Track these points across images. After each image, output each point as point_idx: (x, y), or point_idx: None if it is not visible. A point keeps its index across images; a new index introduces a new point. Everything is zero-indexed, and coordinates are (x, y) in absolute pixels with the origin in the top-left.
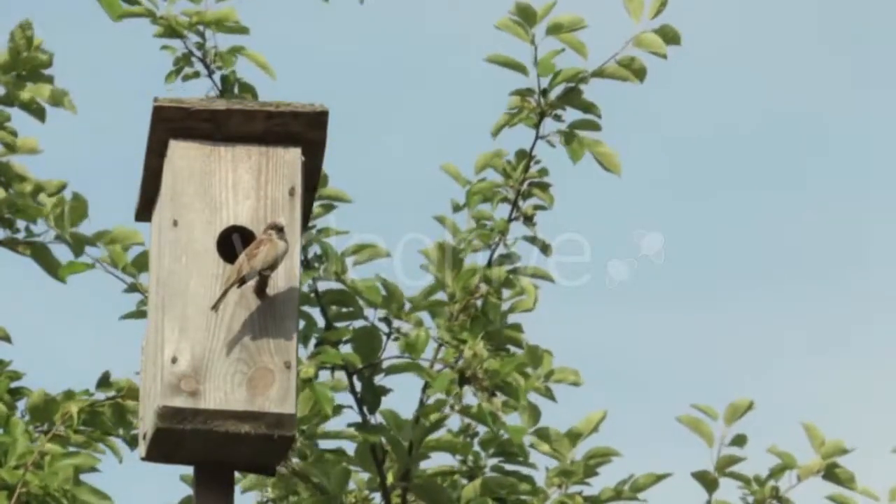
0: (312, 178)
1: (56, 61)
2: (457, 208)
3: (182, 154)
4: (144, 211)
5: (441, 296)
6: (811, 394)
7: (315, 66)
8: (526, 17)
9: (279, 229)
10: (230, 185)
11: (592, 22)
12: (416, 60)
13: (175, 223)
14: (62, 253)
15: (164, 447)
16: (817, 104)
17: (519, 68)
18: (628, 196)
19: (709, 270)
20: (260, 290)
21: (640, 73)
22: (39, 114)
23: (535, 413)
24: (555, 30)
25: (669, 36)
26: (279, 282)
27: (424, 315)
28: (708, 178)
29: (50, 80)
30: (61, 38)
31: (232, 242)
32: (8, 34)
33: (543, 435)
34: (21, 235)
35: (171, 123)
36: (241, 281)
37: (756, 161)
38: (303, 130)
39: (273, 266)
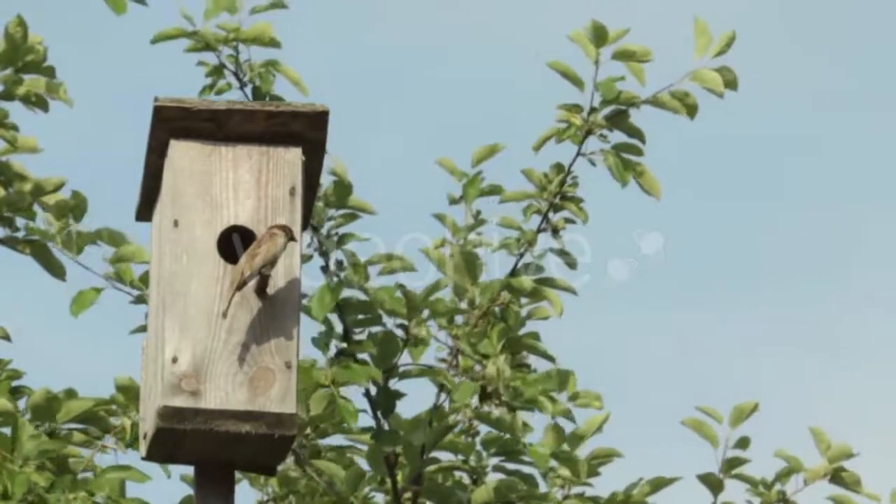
0: (313, 177)
1: (57, 60)
2: (453, 201)
3: (182, 154)
4: (145, 211)
5: (445, 293)
6: (810, 395)
7: (308, 69)
8: (597, 36)
9: (282, 228)
10: (231, 184)
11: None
12: (404, 68)
13: (176, 223)
14: (65, 255)
15: (164, 447)
16: (812, 109)
17: (576, 81)
18: (632, 199)
19: (709, 271)
20: (260, 289)
21: (692, 110)
22: (42, 105)
23: (559, 433)
24: (624, 56)
25: (728, 78)
26: (280, 281)
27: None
28: (708, 179)
29: (50, 71)
30: (62, 37)
31: (232, 242)
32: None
33: (567, 459)
34: (21, 234)
35: (171, 123)
36: (243, 283)
37: (755, 162)
38: (303, 130)
39: (273, 262)
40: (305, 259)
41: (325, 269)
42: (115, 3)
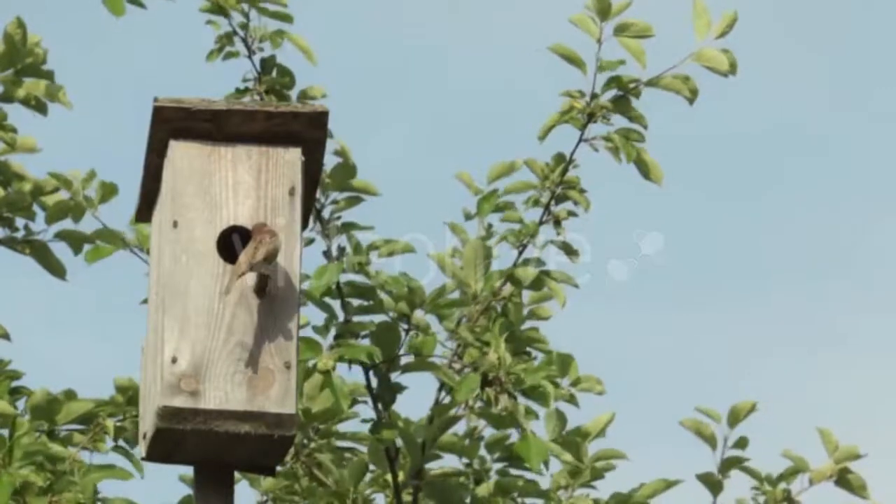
0: (312, 177)
1: (57, 60)
2: (468, 217)
3: (182, 154)
4: (144, 211)
5: (454, 296)
6: (811, 394)
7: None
8: (601, 9)
9: (272, 231)
10: (230, 185)
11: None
12: (399, 68)
13: (175, 223)
14: (62, 252)
15: (163, 447)
16: (811, 108)
17: (578, 63)
18: (632, 199)
19: (710, 270)
20: (260, 290)
21: (692, 93)
22: (41, 108)
23: (561, 419)
24: (623, 29)
25: (729, 60)
26: (279, 282)
27: (431, 318)
28: (705, 179)
29: (50, 75)
30: (62, 37)
31: (232, 242)
32: (2, 31)
33: (570, 443)
34: (20, 234)
35: (171, 123)
36: (245, 272)
37: (756, 160)
38: (303, 130)
39: (272, 258)
40: (307, 242)
41: (326, 253)
42: (114, 5)
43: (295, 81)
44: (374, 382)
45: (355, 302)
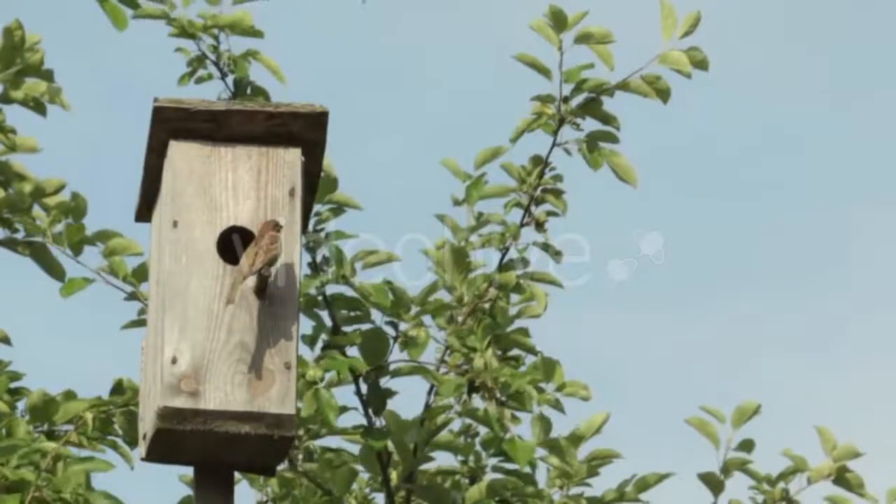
0: (312, 178)
1: (57, 61)
2: (456, 203)
3: (182, 154)
4: (144, 211)
5: (443, 294)
6: (806, 394)
7: (300, 67)
8: (557, 22)
9: (277, 227)
10: (230, 185)
11: (615, 32)
12: (399, 68)
13: (175, 224)
14: (62, 254)
15: (164, 447)
16: (808, 109)
17: (543, 71)
18: (629, 200)
19: (701, 272)
20: (260, 290)
21: (663, 93)
22: (40, 109)
23: (546, 424)
24: (584, 39)
25: (697, 59)
26: (279, 282)
27: (426, 316)
28: (703, 179)
29: (49, 75)
30: (62, 37)
31: (232, 243)
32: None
33: (554, 447)
34: (20, 235)
35: (170, 124)
36: (248, 276)
37: (748, 163)
38: (303, 131)
39: (273, 262)
40: None
41: (311, 265)
42: (117, 18)
43: (270, 100)
44: (364, 388)
45: (343, 312)
